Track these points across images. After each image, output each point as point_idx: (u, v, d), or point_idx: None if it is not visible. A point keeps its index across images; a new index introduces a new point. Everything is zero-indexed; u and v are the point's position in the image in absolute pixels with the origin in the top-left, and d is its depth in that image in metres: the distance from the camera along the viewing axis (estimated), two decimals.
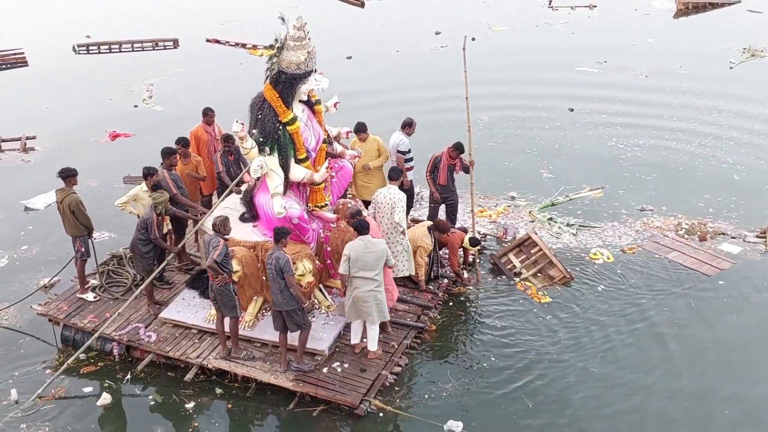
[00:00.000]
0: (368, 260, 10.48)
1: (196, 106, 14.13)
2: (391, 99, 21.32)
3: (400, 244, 12.17)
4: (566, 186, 16.50)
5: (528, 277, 13.35)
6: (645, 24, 29.95)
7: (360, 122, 13.48)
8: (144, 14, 33.17)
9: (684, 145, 18.71)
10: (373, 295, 10.65)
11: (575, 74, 24.14)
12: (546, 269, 13.48)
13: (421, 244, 12.39)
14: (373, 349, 11.10)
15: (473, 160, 13.17)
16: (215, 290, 10.56)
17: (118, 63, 26.87)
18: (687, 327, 12.09)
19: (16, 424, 10.35)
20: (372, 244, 10.57)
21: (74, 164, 12.28)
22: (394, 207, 12.01)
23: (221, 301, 10.61)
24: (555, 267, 13.39)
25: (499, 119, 20.44)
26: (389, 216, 12.06)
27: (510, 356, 11.53)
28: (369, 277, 10.54)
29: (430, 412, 10.44)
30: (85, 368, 11.41)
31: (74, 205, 11.70)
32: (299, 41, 10.89)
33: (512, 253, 13.83)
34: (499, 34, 29.02)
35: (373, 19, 31.72)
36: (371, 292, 10.61)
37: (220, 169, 12.70)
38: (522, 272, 13.41)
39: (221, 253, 10.25)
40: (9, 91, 24.19)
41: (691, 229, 14.71)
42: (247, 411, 10.64)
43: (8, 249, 14.70)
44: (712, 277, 13.26)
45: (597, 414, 10.46)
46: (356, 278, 10.56)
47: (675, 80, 23.22)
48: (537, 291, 12.94)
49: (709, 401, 10.63)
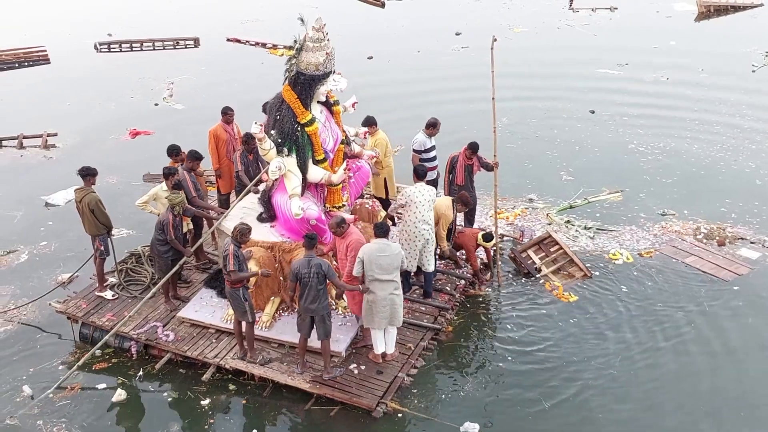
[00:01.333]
0: (383, 263, 10.37)
1: (216, 104, 14.16)
2: (412, 99, 21.38)
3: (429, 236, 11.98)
4: (585, 189, 16.39)
5: (548, 273, 13.34)
6: (667, 27, 29.71)
7: (369, 116, 13.35)
8: (165, 13, 33.36)
9: (706, 148, 18.53)
10: (391, 299, 10.53)
11: (596, 76, 24.00)
12: (566, 267, 13.48)
13: (443, 215, 12.27)
14: (390, 351, 11.08)
15: (497, 162, 13.08)
16: (227, 294, 10.59)
17: (139, 61, 27.04)
18: (703, 332, 11.96)
19: (32, 420, 10.43)
20: (387, 248, 10.44)
21: (94, 161, 12.38)
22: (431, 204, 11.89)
23: (232, 304, 10.63)
24: (575, 265, 13.40)
25: (520, 121, 20.34)
26: (427, 212, 11.81)
27: (527, 357, 11.47)
28: (386, 279, 10.42)
29: (447, 414, 10.40)
30: (99, 365, 11.48)
31: (93, 204, 11.75)
32: (318, 42, 10.87)
33: (531, 250, 13.85)
34: (520, 35, 28.89)
35: (394, 19, 31.69)
36: (390, 296, 10.50)
37: (239, 168, 12.69)
38: (542, 268, 13.40)
39: (235, 258, 10.23)
40: (31, 89, 24.40)
41: (710, 233, 14.57)
42: (262, 409, 10.65)
43: (28, 244, 14.83)
44: (729, 282, 13.13)
45: (614, 419, 10.36)
46: (373, 282, 10.43)
47: (697, 83, 22.99)
48: (563, 291, 12.89)
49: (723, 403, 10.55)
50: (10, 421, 10.38)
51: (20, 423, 10.37)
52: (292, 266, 10.21)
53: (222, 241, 12.31)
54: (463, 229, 13.18)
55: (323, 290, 10.17)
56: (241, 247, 10.45)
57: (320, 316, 10.30)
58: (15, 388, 11.04)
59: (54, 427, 10.30)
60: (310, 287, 10.09)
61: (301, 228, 11.14)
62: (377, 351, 11.02)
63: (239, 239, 10.34)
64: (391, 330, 10.94)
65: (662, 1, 33.01)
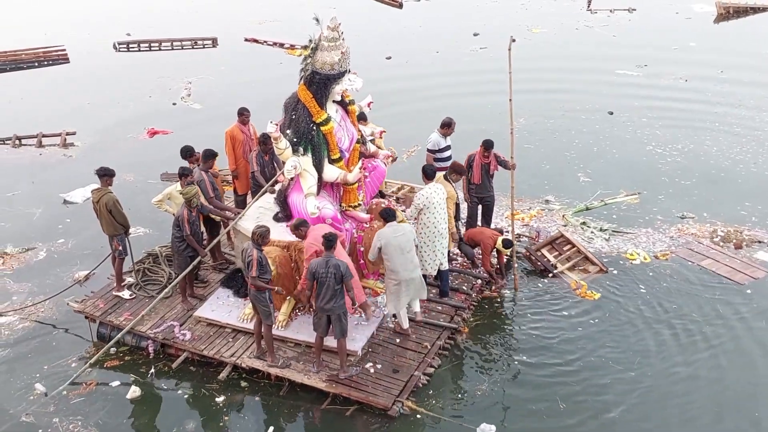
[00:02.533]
0: (401, 242, 10.74)
1: (233, 104, 14.17)
2: (431, 99, 21.38)
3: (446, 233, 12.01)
4: (603, 191, 16.26)
5: (564, 270, 13.32)
6: (686, 28, 29.54)
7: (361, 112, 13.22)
8: (184, 13, 33.51)
9: (726, 150, 18.35)
10: (414, 276, 10.96)
11: (615, 77, 23.89)
12: (580, 264, 13.49)
13: (447, 194, 12.18)
14: (417, 309, 11.60)
15: (515, 163, 12.99)
16: (252, 296, 10.58)
17: (157, 61, 27.19)
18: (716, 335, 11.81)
19: (48, 418, 10.44)
20: (400, 227, 10.89)
21: (112, 159, 12.43)
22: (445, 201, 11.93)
23: (256, 307, 10.63)
24: (589, 261, 13.43)
25: (538, 121, 20.26)
26: (444, 211, 11.83)
27: (545, 358, 11.38)
28: (408, 256, 10.81)
29: (463, 415, 10.34)
30: (111, 362, 11.49)
31: (111, 204, 11.78)
32: (333, 42, 10.90)
33: (545, 249, 13.85)
34: (539, 35, 28.81)
35: (411, 20, 31.68)
36: (412, 273, 10.90)
37: (255, 169, 12.71)
38: (557, 265, 13.40)
39: (258, 264, 10.25)
40: (50, 88, 24.58)
41: (727, 236, 14.43)
42: (276, 407, 10.63)
43: (46, 242, 14.92)
44: (744, 285, 12.96)
45: (637, 425, 10.25)
46: (397, 262, 10.74)
47: (716, 85, 22.84)
48: (587, 289, 12.86)
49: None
50: (26, 418, 10.43)
51: (36, 420, 10.41)
52: (310, 265, 10.22)
53: (238, 241, 12.33)
54: (484, 229, 13.13)
55: (340, 290, 10.16)
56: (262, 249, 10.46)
57: (336, 315, 10.30)
58: (29, 386, 11.07)
59: (70, 424, 10.31)
60: (328, 287, 10.10)
61: None
62: (404, 326, 11.37)
63: (259, 242, 10.33)
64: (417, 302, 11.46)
65: (681, 2, 32.85)
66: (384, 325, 11.67)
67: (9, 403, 10.77)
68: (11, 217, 16.15)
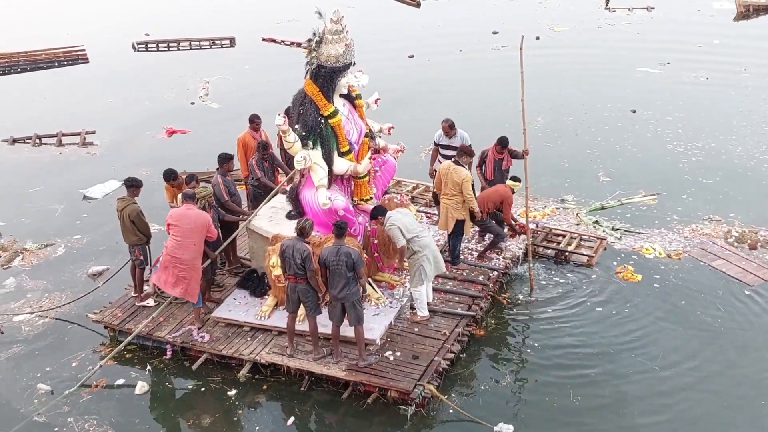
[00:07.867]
0: (411, 221, 11.20)
1: (251, 104, 14.20)
2: (453, 97, 21.37)
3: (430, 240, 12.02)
4: (622, 190, 16.05)
5: (571, 251, 13.67)
6: (709, 25, 29.24)
7: None
8: (202, 13, 33.60)
9: (749, 150, 18.07)
10: (432, 247, 11.26)
11: (637, 75, 23.69)
12: (579, 246, 13.95)
13: (465, 179, 12.14)
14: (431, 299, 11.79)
15: (527, 149, 12.75)
16: (299, 291, 10.44)
17: (175, 61, 27.25)
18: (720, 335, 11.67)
19: (62, 418, 10.36)
20: (403, 209, 11.52)
21: (131, 157, 12.39)
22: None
23: (306, 301, 10.50)
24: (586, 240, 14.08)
25: (558, 119, 20.11)
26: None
27: (566, 356, 11.25)
28: (423, 234, 11.16)
29: (480, 413, 10.14)
30: (110, 361, 11.35)
31: (134, 215, 11.72)
32: (337, 34, 11.00)
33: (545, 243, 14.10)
34: (561, 34, 28.64)
35: (430, 18, 31.59)
36: (429, 244, 11.17)
37: (259, 176, 12.75)
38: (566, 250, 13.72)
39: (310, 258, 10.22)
40: (70, 87, 24.70)
41: (741, 236, 14.17)
42: (296, 401, 10.55)
43: (64, 237, 14.97)
44: (753, 287, 12.69)
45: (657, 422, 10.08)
46: (418, 241, 11.03)
47: (739, 83, 22.60)
48: (632, 272, 13.02)
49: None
50: (38, 418, 10.35)
51: (49, 420, 10.32)
52: (321, 253, 10.21)
53: (252, 241, 12.30)
54: (496, 187, 12.95)
55: (352, 277, 10.14)
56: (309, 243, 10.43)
57: (350, 303, 10.27)
58: (49, 382, 11.02)
59: (86, 423, 10.24)
60: (340, 275, 10.08)
61: (329, 221, 11.09)
62: (423, 314, 11.47)
63: (304, 234, 10.30)
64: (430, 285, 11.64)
65: (701, 0, 32.53)
66: (402, 315, 11.62)
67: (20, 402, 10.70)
68: (33, 213, 16.20)
